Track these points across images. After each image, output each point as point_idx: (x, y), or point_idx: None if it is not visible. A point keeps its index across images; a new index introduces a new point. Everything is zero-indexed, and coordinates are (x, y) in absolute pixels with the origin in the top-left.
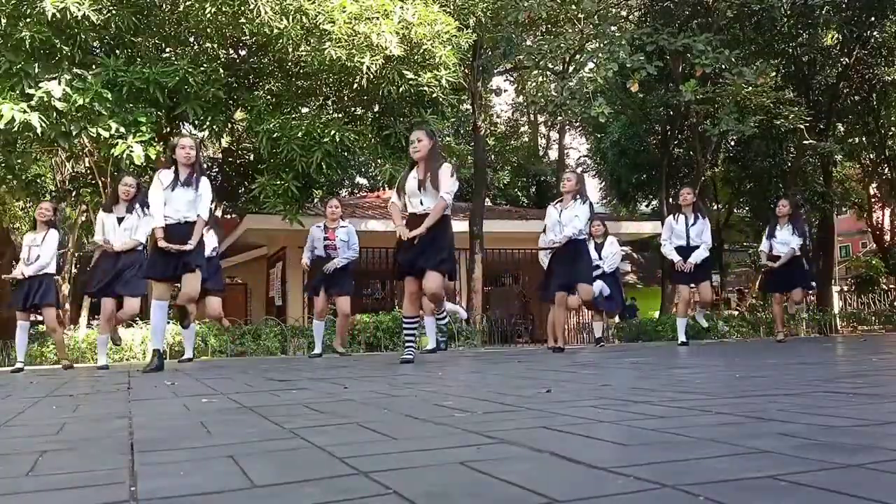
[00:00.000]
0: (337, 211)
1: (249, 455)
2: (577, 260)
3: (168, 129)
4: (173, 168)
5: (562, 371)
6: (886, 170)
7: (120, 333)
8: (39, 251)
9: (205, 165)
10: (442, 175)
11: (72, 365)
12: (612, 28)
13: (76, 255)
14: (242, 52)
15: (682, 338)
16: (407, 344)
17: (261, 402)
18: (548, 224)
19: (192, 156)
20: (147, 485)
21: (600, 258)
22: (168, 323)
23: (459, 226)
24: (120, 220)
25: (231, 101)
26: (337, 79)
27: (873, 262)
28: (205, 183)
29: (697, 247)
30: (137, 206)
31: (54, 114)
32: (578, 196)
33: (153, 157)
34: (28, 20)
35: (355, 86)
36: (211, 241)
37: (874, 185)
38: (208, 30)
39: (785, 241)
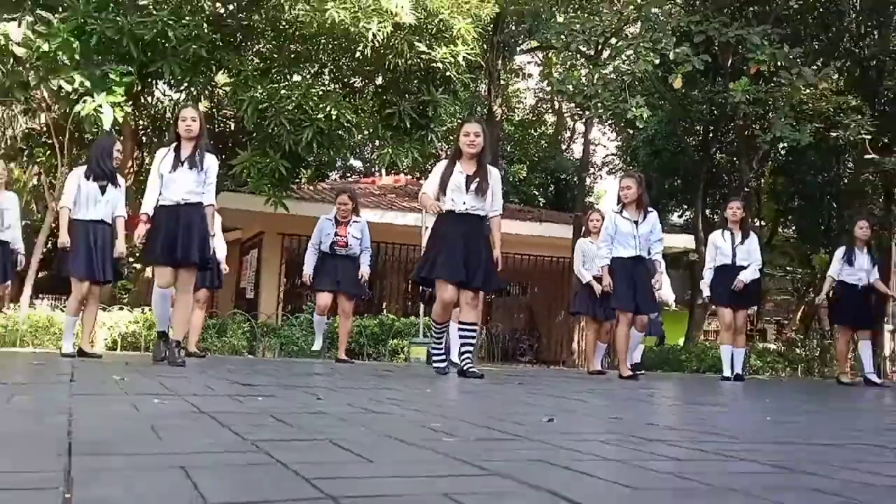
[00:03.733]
0: (347, 208)
1: (204, 467)
2: (649, 284)
3: (139, 88)
4: (174, 145)
5: (568, 398)
6: None
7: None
8: (10, 218)
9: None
10: (496, 183)
11: None
12: (656, 11)
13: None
14: (231, 7)
15: (726, 371)
16: (436, 353)
17: (221, 408)
18: (611, 234)
19: (195, 129)
20: (84, 492)
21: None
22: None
23: None
24: (103, 189)
25: (214, 62)
26: (337, 45)
27: None
28: (212, 163)
29: (744, 268)
30: (119, 176)
31: (11, 60)
32: (646, 205)
33: (120, 119)
34: None
35: (357, 55)
36: (221, 249)
37: None
38: None
39: (862, 268)
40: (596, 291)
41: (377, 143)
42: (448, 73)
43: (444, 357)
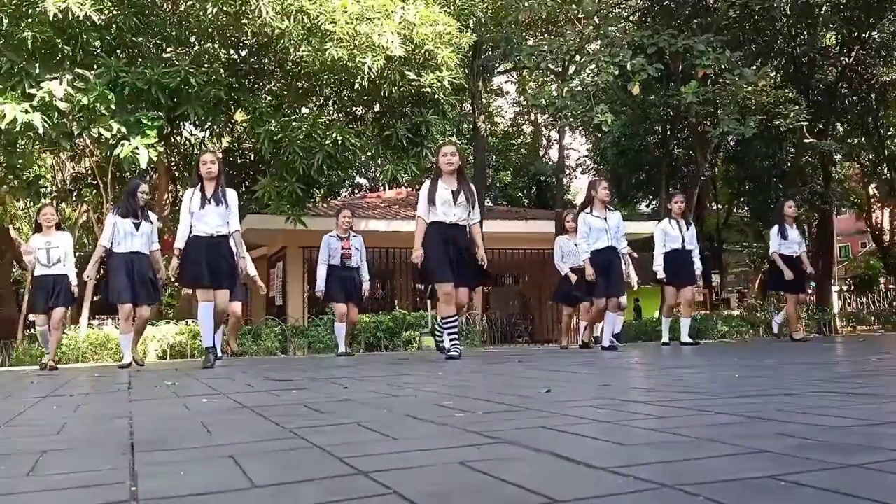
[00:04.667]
0: (350, 221)
1: (250, 455)
2: (620, 272)
3: (169, 130)
4: (199, 185)
5: (561, 371)
6: (885, 170)
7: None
8: (60, 253)
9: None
10: (475, 194)
11: (56, 367)
12: (613, 29)
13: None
14: (243, 53)
15: (665, 338)
16: (453, 341)
17: (261, 402)
18: (587, 231)
19: (214, 170)
20: (147, 485)
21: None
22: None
23: None
24: (137, 225)
25: (232, 102)
26: (338, 79)
27: (872, 262)
28: (232, 196)
29: (690, 251)
30: (149, 212)
31: (56, 114)
32: (610, 205)
33: (154, 158)
34: (30, 20)
35: (356, 86)
36: (251, 266)
37: (873, 185)
38: (209, 30)
39: (796, 241)
40: (571, 281)
41: (379, 161)
42: (436, 97)
43: (458, 344)
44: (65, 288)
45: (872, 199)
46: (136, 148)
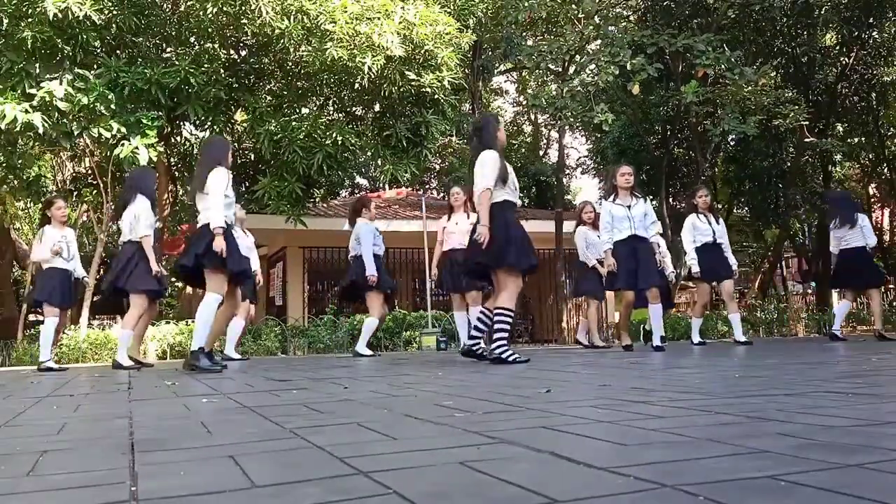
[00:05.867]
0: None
1: (249, 455)
2: (651, 260)
3: (169, 130)
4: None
5: (561, 371)
6: (885, 170)
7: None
8: (74, 249)
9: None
10: None
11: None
12: (613, 29)
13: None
14: (243, 53)
15: (696, 338)
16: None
17: (261, 402)
18: (609, 221)
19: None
20: (147, 485)
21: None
22: (176, 323)
23: None
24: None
25: (232, 102)
26: (338, 79)
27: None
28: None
29: (721, 244)
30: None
31: (56, 114)
32: (637, 192)
33: (154, 158)
34: (30, 20)
35: (356, 86)
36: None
37: (873, 185)
38: (209, 30)
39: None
40: (599, 272)
41: (379, 161)
42: (436, 97)
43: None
44: (72, 286)
45: (872, 199)
46: (136, 148)
